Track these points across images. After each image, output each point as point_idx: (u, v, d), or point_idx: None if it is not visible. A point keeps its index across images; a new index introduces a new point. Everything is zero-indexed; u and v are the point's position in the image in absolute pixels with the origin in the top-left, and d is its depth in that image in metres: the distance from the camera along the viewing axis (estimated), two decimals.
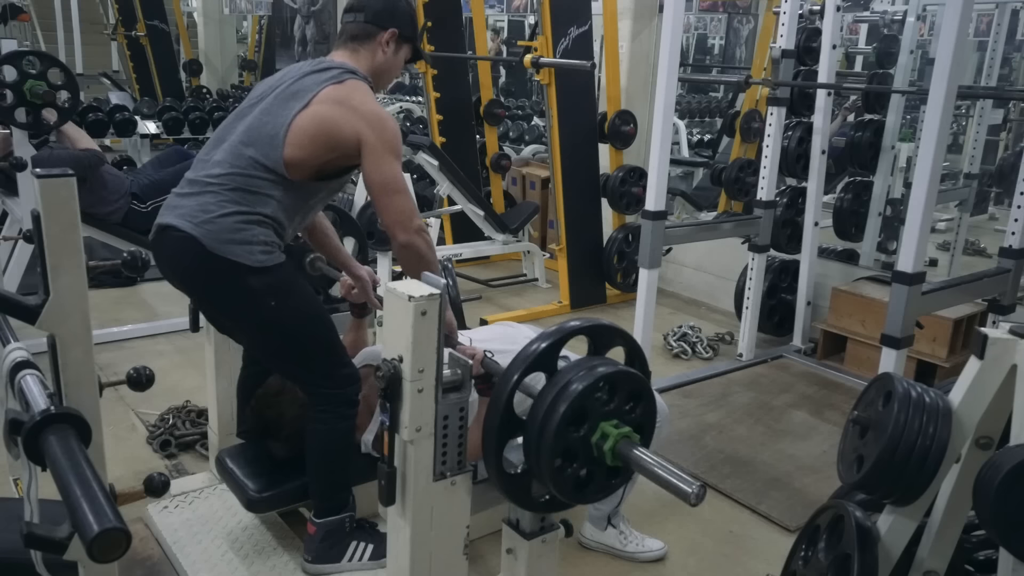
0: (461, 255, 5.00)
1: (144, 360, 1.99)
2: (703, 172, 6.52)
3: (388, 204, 1.97)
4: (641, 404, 1.60)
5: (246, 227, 1.94)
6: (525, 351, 1.60)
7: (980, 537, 1.70)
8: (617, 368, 1.58)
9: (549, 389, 1.54)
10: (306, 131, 1.96)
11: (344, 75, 2.03)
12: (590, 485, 1.59)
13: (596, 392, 1.53)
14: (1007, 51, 5.36)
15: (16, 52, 3.48)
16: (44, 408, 1.14)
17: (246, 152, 1.97)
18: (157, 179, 4.07)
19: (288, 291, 2.01)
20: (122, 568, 1.34)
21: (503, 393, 1.57)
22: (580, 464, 1.56)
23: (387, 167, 1.96)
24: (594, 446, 1.54)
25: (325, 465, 2.13)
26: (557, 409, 1.51)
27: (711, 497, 2.83)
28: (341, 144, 1.97)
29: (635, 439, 1.54)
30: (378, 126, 1.97)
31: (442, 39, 5.18)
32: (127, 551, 0.92)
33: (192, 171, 2.05)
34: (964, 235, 5.20)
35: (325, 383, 2.07)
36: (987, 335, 1.45)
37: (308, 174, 2.01)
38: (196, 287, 2.08)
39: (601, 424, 1.54)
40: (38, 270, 1.41)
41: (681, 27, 3.22)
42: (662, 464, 1.46)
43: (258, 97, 2.08)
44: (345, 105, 1.97)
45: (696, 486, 1.39)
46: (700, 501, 1.39)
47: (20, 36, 7.88)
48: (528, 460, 1.59)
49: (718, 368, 3.96)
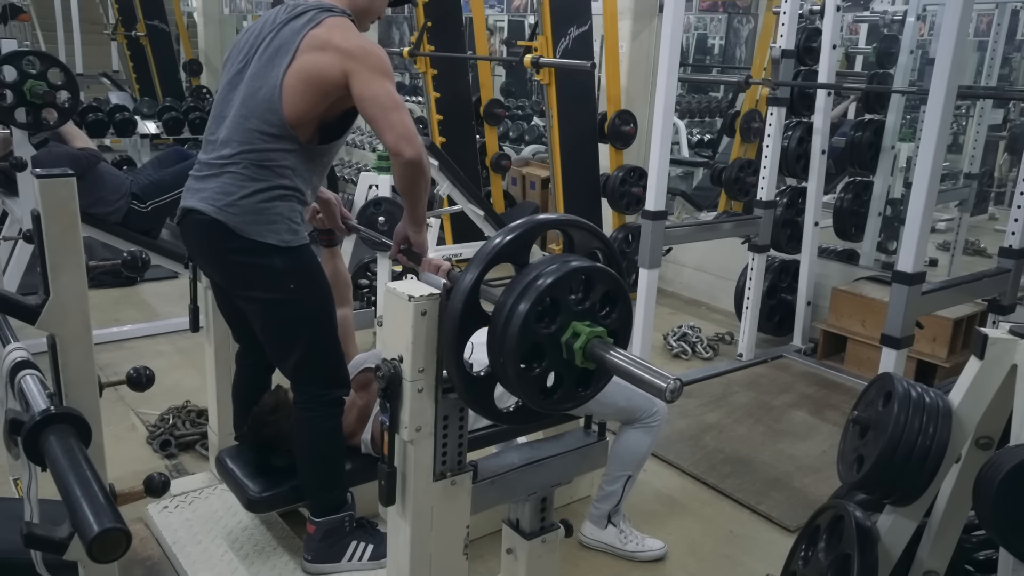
0: (461, 255, 4.99)
1: (144, 360, 2.00)
2: (703, 172, 6.52)
3: (387, 121, 1.89)
4: (617, 308, 1.48)
5: (269, 204, 1.95)
6: (493, 240, 1.46)
7: (980, 537, 1.70)
8: (592, 264, 1.46)
9: (517, 281, 1.41)
10: (297, 87, 1.93)
11: (320, 15, 1.97)
12: (558, 389, 1.47)
13: (569, 288, 1.41)
14: (1007, 51, 5.36)
15: (16, 52, 3.48)
16: (44, 408, 1.14)
17: (249, 125, 1.96)
18: (157, 179, 4.07)
19: (309, 277, 2.02)
20: (122, 568, 1.34)
21: (468, 279, 1.44)
22: (548, 364, 1.43)
23: (377, 84, 1.91)
24: (564, 345, 1.42)
25: (315, 463, 2.13)
26: (525, 301, 1.37)
27: (711, 497, 2.83)
28: (333, 87, 1.93)
29: (608, 341, 1.42)
30: (361, 54, 1.91)
31: (442, 39, 5.18)
32: (127, 551, 0.92)
33: (203, 152, 2.05)
34: (964, 235, 5.20)
35: (317, 380, 2.08)
36: (987, 335, 1.45)
37: (313, 129, 1.99)
38: (222, 268, 2.09)
39: (572, 323, 1.42)
40: (38, 270, 1.41)
41: (681, 27, 3.23)
42: (635, 361, 1.35)
43: (242, 60, 2.04)
44: (327, 48, 1.92)
45: (672, 380, 1.28)
46: (675, 397, 1.29)
47: (20, 36, 7.88)
48: (492, 359, 1.45)
49: (718, 368, 3.97)
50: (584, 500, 2.65)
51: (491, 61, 6.56)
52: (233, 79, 2.05)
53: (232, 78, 2.06)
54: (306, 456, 2.13)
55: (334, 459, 2.15)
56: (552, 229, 1.50)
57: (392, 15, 7.83)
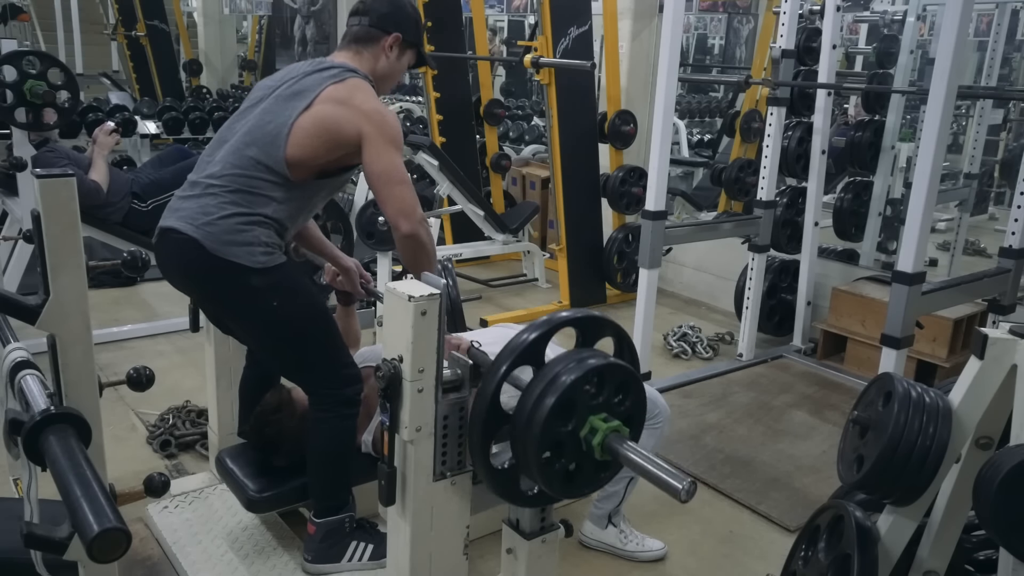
0: (461, 255, 5.00)
1: (144, 360, 2.00)
2: (703, 172, 6.52)
3: (390, 195, 1.96)
4: (630, 396, 1.56)
5: (247, 228, 1.94)
6: (513, 343, 1.56)
7: (980, 537, 1.70)
8: (606, 360, 1.54)
9: (537, 382, 1.50)
10: (308, 131, 1.96)
11: (345, 74, 2.03)
12: (578, 479, 1.55)
13: (585, 385, 1.49)
14: (1007, 51, 5.36)
15: (16, 52, 3.49)
16: (44, 408, 1.14)
17: (247, 152, 1.97)
18: (157, 178, 4.07)
19: (290, 291, 2.01)
20: (122, 568, 1.34)
21: (491, 385, 1.54)
22: (568, 458, 1.52)
23: (387, 157, 1.96)
24: (582, 440, 1.50)
25: (326, 465, 2.13)
26: (545, 402, 1.46)
27: (711, 497, 2.83)
28: (344, 143, 1.98)
29: (624, 433, 1.50)
30: (378, 120, 1.97)
31: (442, 39, 5.18)
32: (127, 551, 0.93)
33: (195, 172, 2.06)
34: (964, 235, 5.20)
35: (327, 383, 2.07)
36: (987, 335, 1.45)
37: (310, 173, 2.01)
38: (198, 288, 2.08)
39: (590, 418, 1.50)
40: (38, 270, 1.41)
41: (681, 27, 3.23)
42: (651, 459, 1.43)
43: (258, 98, 2.08)
44: (347, 104, 1.98)
45: (686, 482, 1.36)
46: (690, 497, 1.36)
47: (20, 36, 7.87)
48: (515, 454, 1.55)
49: (718, 368, 3.96)
50: (584, 500, 2.65)
51: (491, 61, 6.56)
52: (244, 111, 2.09)
53: (244, 110, 2.10)
54: (318, 456, 2.13)
55: (345, 461, 2.14)
56: (567, 327, 1.64)
57: None
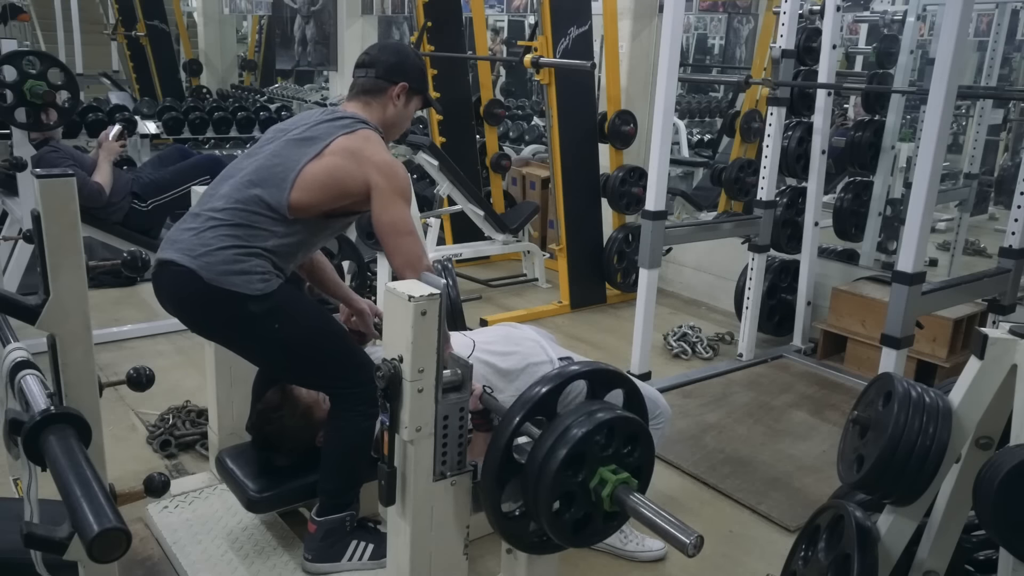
0: (461, 255, 5.00)
1: (144, 360, 2.00)
2: (703, 172, 6.52)
3: (397, 246, 1.99)
4: (639, 447, 1.62)
5: (244, 259, 1.96)
6: (525, 395, 1.62)
7: (980, 537, 1.70)
8: (615, 414, 1.59)
9: (548, 434, 1.55)
10: (316, 179, 2.00)
11: (356, 125, 2.08)
12: (587, 528, 1.61)
13: (595, 437, 1.54)
14: (1007, 51, 5.36)
15: (16, 52, 3.49)
16: (44, 408, 1.14)
17: (252, 191, 2.00)
18: (157, 178, 4.08)
19: (291, 311, 2.02)
20: (122, 568, 1.34)
21: (503, 437, 1.59)
22: (578, 508, 1.57)
23: (396, 209, 2.00)
24: (592, 491, 1.56)
25: (342, 463, 2.13)
26: (556, 454, 1.52)
27: (711, 497, 2.83)
28: (351, 193, 2.03)
29: (633, 484, 1.55)
30: (388, 172, 2.01)
31: (442, 39, 5.18)
32: (127, 551, 0.93)
33: (197, 205, 2.09)
34: (964, 235, 5.20)
35: (344, 383, 2.08)
36: (987, 335, 1.45)
37: (312, 216, 2.05)
38: (197, 319, 2.09)
39: (599, 470, 1.55)
40: (38, 270, 1.41)
41: (681, 27, 3.22)
42: (659, 512, 1.48)
43: (269, 140, 2.13)
44: (357, 156, 2.02)
45: (694, 536, 1.40)
46: (697, 551, 1.40)
47: (20, 36, 7.87)
48: (526, 503, 1.60)
49: (718, 368, 3.96)
50: None
51: (491, 61, 6.56)
52: (254, 151, 2.13)
53: (253, 150, 2.13)
54: (336, 454, 2.13)
55: (360, 460, 2.14)
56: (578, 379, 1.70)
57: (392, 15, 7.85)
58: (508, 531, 1.66)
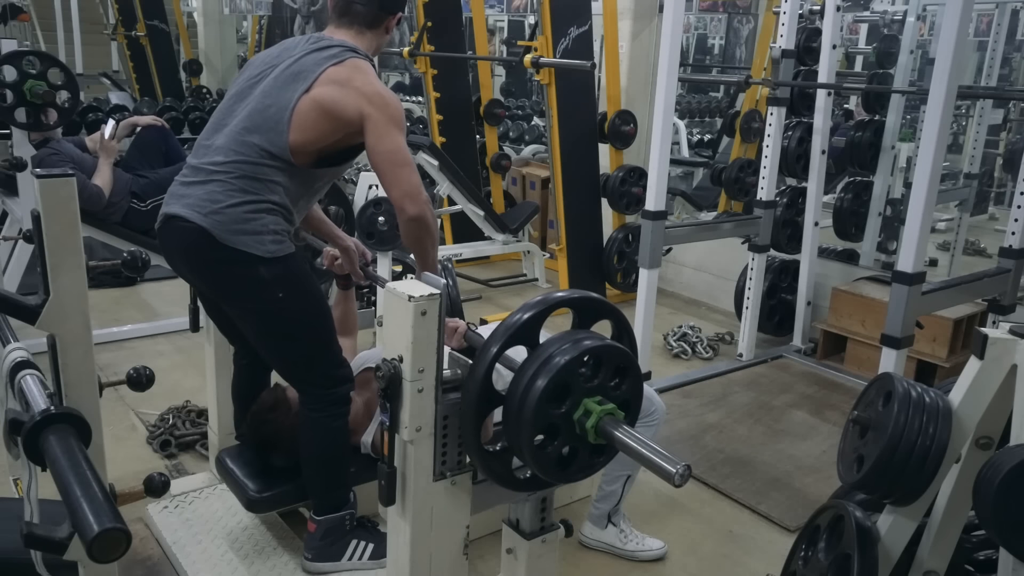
0: (461, 255, 5.00)
1: (144, 360, 1.99)
2: (703, 172, 6.52)
3: (395, 177, 1.95)
4: (627, 380, 1.53)
5: (256, 216, 1.94)
6: (507, 322, 1.52)
7: (980, 537, 1.70)
8: (602, 342, 1.50)
9: (530, 363, 1.47)
10: (309, 115, 1.95)
11: (345, 54, 2.01)
12: (572, 463, 1.52)
13: (579, 367, 1.46)
14: (1007, 51, 5.36)
15: (16, 52, 3.48)
16: (44, 408, 1.14)
17: (250, 139, 1.96)
18: (157, 178, 4.07)
19: (297, 284, 2.01)
20: (122, 568, 1.34)
21: (482, 365, 1.50)
22: (562, 441, 1.49)
23: (390, 139, 1.95)
24: (576, 423, 1.47)
25: (318, 463, 2.13)
26: (538, 384, 1.43)
27: (711, 497, 2.83)
28: (345, 124, 1.97)
29: (619, 416, 1.47)
30: (380, 102, 1.96)
31: (442, 39, 5.18)
32: (127, 551, 0.93)
33: (194, 156, 2.04)
34: (964, 235, 5.20)
35: (320, 381, 2.08)
36: (987, 335, 1.45)
37: (312, 158, 2.00)
38: (206, 277, 2.07)
39: (584, 400, 1.46)
40: (38, 270, 1.41)
41: (681, 27, 3.22)
42: (646, 443, 1.39)
43: (257, 76, 2.05)
44: (348, 86, 1.96)
45: (680, 466, 1.32)
46: (684, 482, 1.33)
47: (20, 36, 7.88)
48: (508, 437, 1.52)
49: (718, 368, 3.96)
50: (584, 500, 2.65)
51: (491, 61, 6.56)
52: (242, 91, 2.05)
53: (241, 90, 2.06)
54: (311, 456, 2.13)
55: (338, 459, 2.14)
56: (563, 307, 1.58)
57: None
58: (490, 467, 1.58)
